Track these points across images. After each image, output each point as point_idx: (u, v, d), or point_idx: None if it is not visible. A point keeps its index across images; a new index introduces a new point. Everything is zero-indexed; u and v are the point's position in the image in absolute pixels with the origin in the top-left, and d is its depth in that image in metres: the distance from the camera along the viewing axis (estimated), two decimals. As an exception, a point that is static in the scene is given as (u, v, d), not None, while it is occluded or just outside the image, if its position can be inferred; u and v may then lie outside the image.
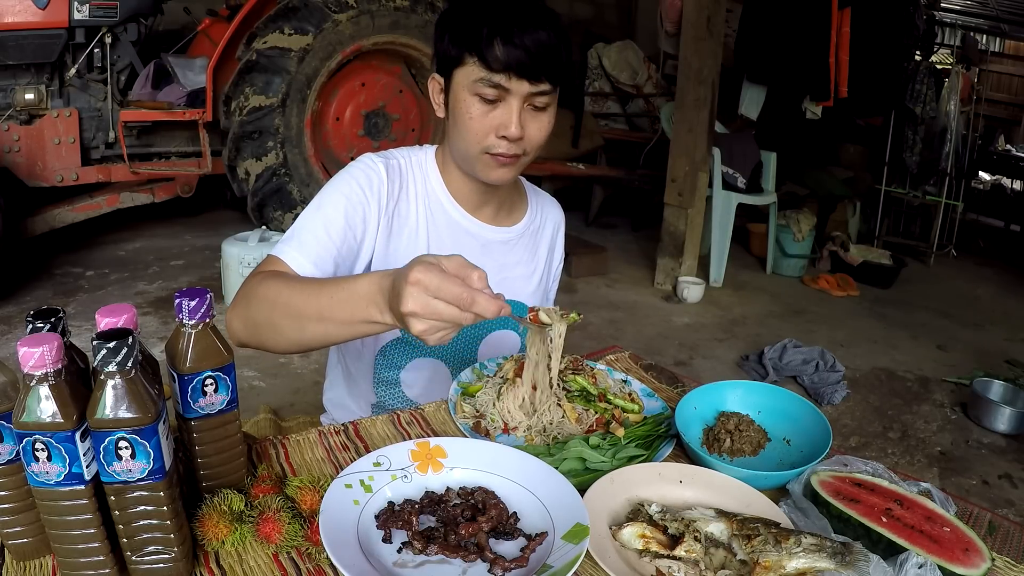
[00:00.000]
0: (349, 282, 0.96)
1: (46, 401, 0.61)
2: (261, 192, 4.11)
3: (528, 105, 1.15)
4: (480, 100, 1.14)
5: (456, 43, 1.15)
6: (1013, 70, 10.19)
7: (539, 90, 1.14)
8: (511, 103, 1.13)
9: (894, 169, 5.57)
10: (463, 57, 1.14)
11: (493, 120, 1.15)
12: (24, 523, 0.71)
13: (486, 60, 1.11)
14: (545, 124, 1.19)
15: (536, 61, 1.11)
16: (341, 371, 1.42)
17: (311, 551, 0.75)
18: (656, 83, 6.15)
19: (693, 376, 1.94)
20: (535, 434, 1.02)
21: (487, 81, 1.12)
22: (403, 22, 4.24)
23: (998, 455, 2.93)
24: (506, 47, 1.10)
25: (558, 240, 1.50)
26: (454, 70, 1.17)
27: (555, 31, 1.13)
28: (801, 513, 0.85)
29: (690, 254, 4.44)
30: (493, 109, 1.14)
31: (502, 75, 1.11)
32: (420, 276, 0.83)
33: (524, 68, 1.11)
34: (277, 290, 1.02)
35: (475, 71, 1.13)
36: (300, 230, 1.17)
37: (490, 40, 1.10)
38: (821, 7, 4.55)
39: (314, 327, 0.98)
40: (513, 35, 1.10)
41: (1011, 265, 5.78)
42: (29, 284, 3.75)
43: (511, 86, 1.12)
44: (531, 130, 1.17)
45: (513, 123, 1.14)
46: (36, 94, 3.77)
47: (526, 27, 1.10)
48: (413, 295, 0.83)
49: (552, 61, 1.13)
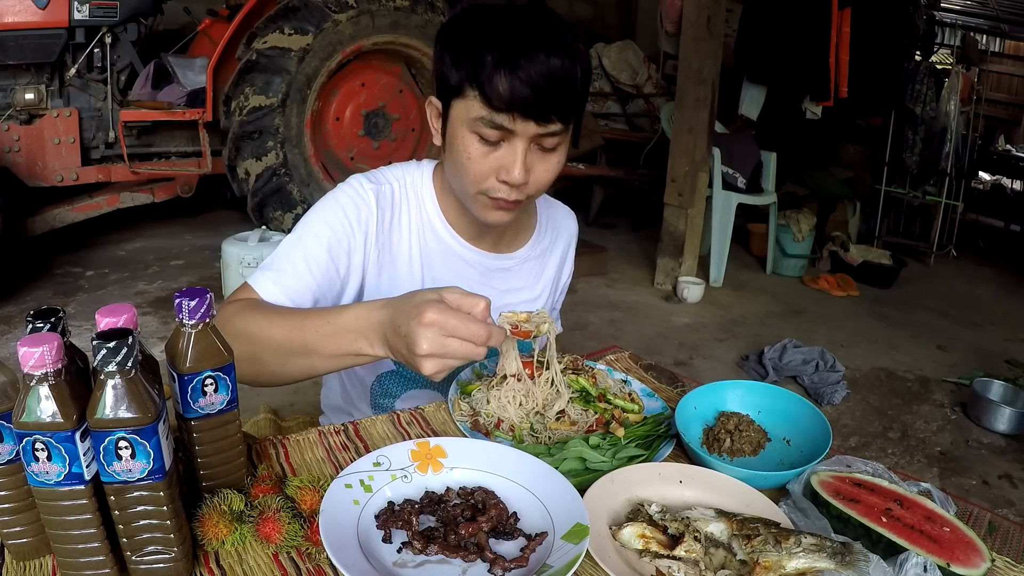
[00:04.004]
0: (335, 315, 0.93)
1: (46, 401, 0.61)
2: (261, 192, 4.11)
3: (535, 145, 1.02)
4: (480, 139, 1.01)
5: (455, 69, 1.01)
6: (1013, 70, 10.20)
7: (548, 131, 1.00)
8: (515, 145, 1.01)
9: (894, 169, 5.57)
10: (462, 88, 1.00)
11: (494, 162, 1.02)
12: (24, 523, 0.71)
13: (488, 96, 0.97)
14: (553, 165, 1.06)
15: (546, 99, 0.97)
16: (339, 385, 1.38)
17: (311, 551, 0.75)
18: (656, 83, 6.15)
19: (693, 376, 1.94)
20: (531, 419, 1.02)
21: (488, 121, 0.99)
22: (403, 22, 4.24)
23: (998, 455, 2.93)
24: (511, 81, 0.95)
25: (569, 254, 1.41)
26: (452, 99, 1.03)
27: (570, 56, 0.98)
28: (801, 513, 0.85)
29: (690, 254, 4.44)
30: (495, 149, 1.02)
31: (505, 115, 0.98)
32: (435, 317, 0.80)
33: (531, 107, 0.97)
34: (256, 324, 0.96)
35: (475, 107, 0.99)
36: (279, 260, 1.09)
37: (493, 72, 0.96)
38: (821, 7, 4.55)
39: (298, 361, 0.95)
40: (519, 66, 0.95)
41: (1011, 265, 5.78)
42: (29, 284, 3.75)
43: (516, 127, 0.98)
44: (537, 172, 1.05)
45: (517, 168, 1.01)
46: (36, 94, 3.77)
47: (536, 55, 0.95)
48: (428, 337, 0.81)
49: (565, 97, 0.99)
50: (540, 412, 1.04)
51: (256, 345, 0.95)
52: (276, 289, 1.06)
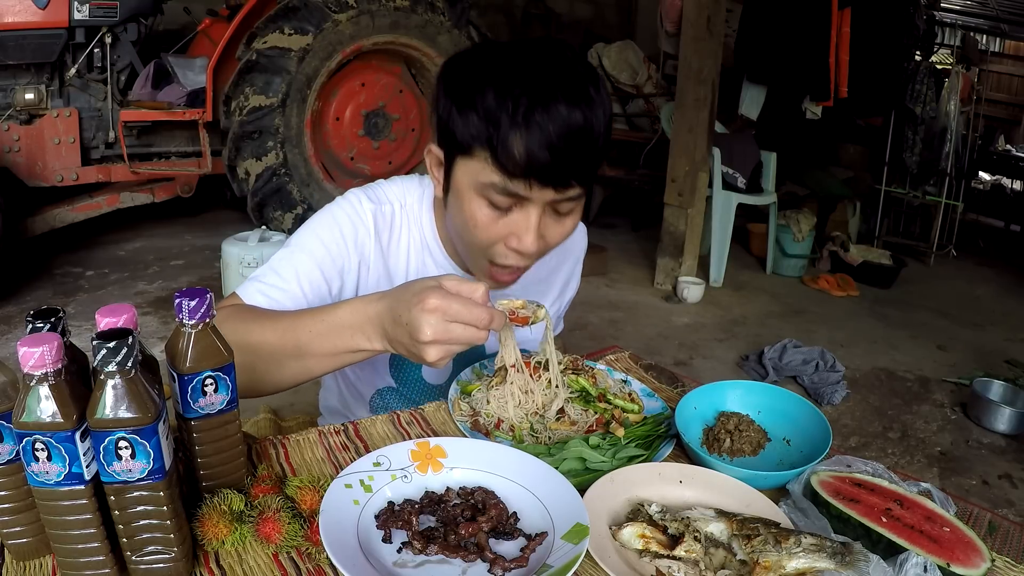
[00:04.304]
0: (328, 312, 0.91)
1: (46, 401, 0.61)
2: (261, 192, 4.11)
3: (550, 208, 0.94)
4: (489, 204, 0.93)
5: (463, 123, 0.90)
6: (1013, 70, 10.20)
7: (566, 196, 0.92)
8: (529, 211, 0.92)
9: (894, 169, 5.57)
10: (471, 147, 0.91)
11: (503, 228, 0.94)
12: (24, 523, 0.71)
13: (501, 161, 0.88)
14: (568, 228, 0.98)
15: (565, 163, 0.87)
16: (336, 388, 1.36)
17: (311, 551, 0.75)
18: (656, 83, 6.14)
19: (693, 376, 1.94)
20: (530, 419, 1.02)
21: (501, 189, 0.90)
22: (403, 22, 4.24)
23: (998, 455, 2.93)
24: (527, 142, 0.86)
25: (576, 269, 1.37)
26: (459, 156, 0.94)
27: (591, 107, 0.88)
28: (801, 513, 0.85)
29: (690, 254, 4.44)
30: (505, 215, 0.94)
31: (520, 181, 0.89)
32: (438, 303, 0.79)
33: (549, 173, 0.88)
34: (247, 329, 0.92)
35: (486, 171, 0.90)
36: (270, 273, 1.06)
37: (508, 135, 0.86)
38: (821, 7, 4.55)
39: (293, 364, 0.93)
40: (537, 124, 0.85)
41: (1011, 265, 5.78)
42: (29, 284, 3.75)
43: (532, 194, 0.90)
44: (550, 236, 0.97)
45: (530, 237, 0.93)
46: (36, 94, 3.77)
47: (554, 107, 0.85)
48: (431, 323, 0.79)
49: (585, 159, 0.89)
50: (540, 413, 1.04)
51: (247, 352, 0.90)
52: (264, 301, 1.03)
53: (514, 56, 0.91)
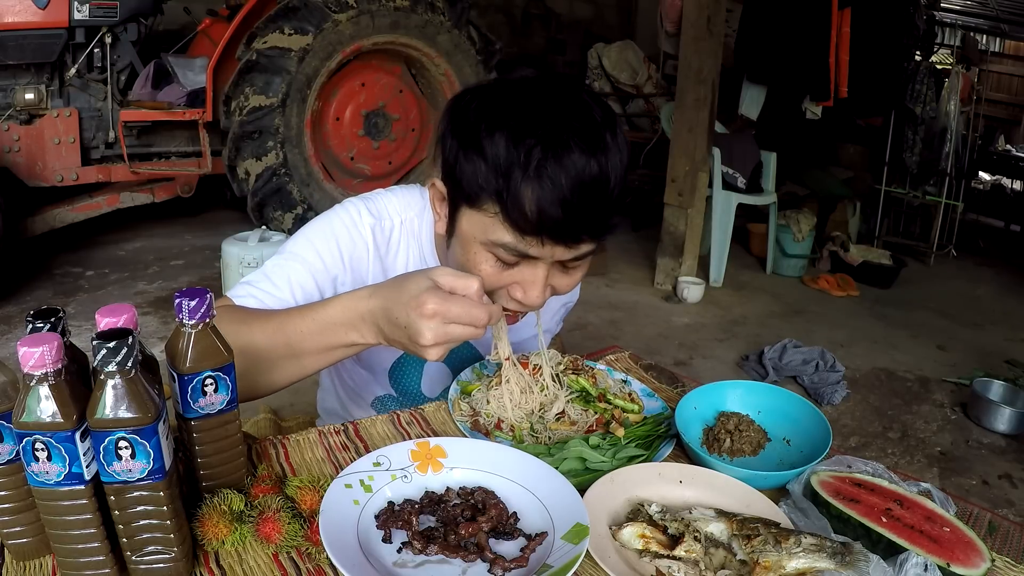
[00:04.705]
0: (318, 311, 0.90)
1: (46, 401, 0.61)
2: (261, 192, 4.11)
3: (558, 263, 0.91)
4: (496, 259, 0.90)
5: (471, 171, 0.86)
6: (1013, 70, 10.19)
7: (576, 254, 0.89)
8: (537, 267, 0.89)
9: (894, 169, 5.57)
10: (479, 200, 0.87)
11: (509, 279, 0.92)
12: (24, 523, 0.71)
13: (512, 219, 0.84)
14: (576, 279, 0.96)
15: (580, 220, 0.84)
16: (333, 390, 1.36)
17: (311, 551, 0.75)
18: (656, 83, 6.15)
19: (693, 376, 1.94)
20: (530, 420, 1.03)
21: (511, 248, 0.87)
22: (403, 22, 4.24)
23: (998, 455, 2.93)
24: (540, 202, 0.82)
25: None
26: (464, 204, 0.90)
27: (608, 158, 0.83)
28: (801, 513, 0.85)
29: (690, 254, 4.44)
30: (511, 268, 0.91)
31: (532, 239, 0.85)
32: (436, 307, 0.78)
33: (562, 231, 0.84)
34: (236, 331, 0.88)
35: (495, 229, 0.86)
36: (263, 279, 1.05)
37: (520, 190, 0.82)
38: (821, 7, 4.55)
39: (285, 364, 0.92)
40: (551, 182, 0.81)
41: (1011, 265, 5.78)
42: (29, 284, 3.75)
43: (542, 252, 0.87)
44: (558, 287, 0.95)
45: (536, 292, 0.90)
46: (36, 94, 3.77)
47: (571, 163, 0.81)
48: (432, 328, 0.79)
49: (601, 216, 0.86)
50: (540, 414, 1.04)
51: (239, 355, 0.85)
52: (256, 306, 1.03)
53: (527, 97, 0.87)
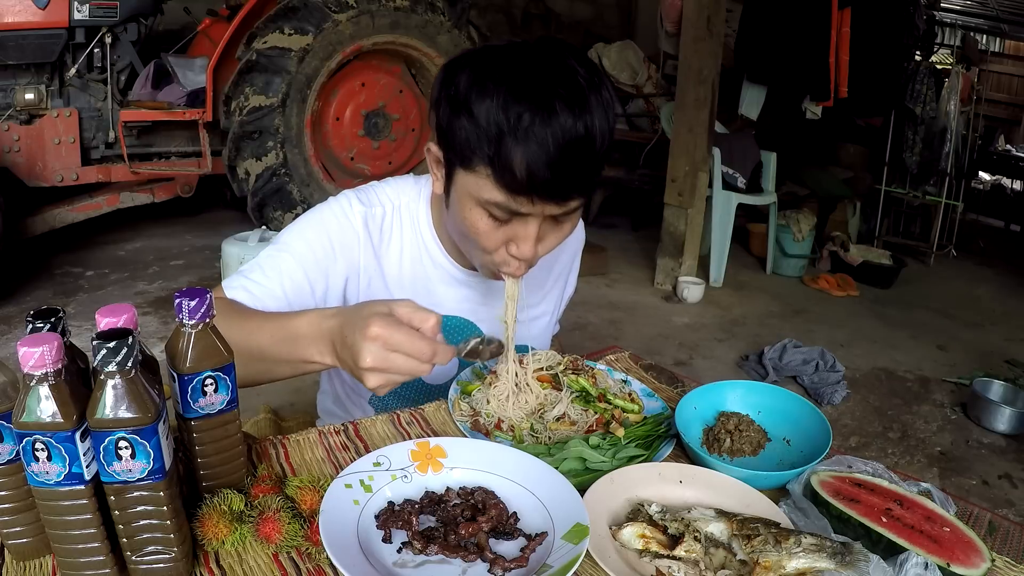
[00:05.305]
0: (289, 320, 0.92)
1: (46, 401, 0.61)
2: (261, 192, 4.11)
3: (549, 218, 0.95)
4: (490, 216, 0.95)
5: (463, 133, 0.90)
6: (1013, 70, 10.20)
7: (565, 210, 0.93)
8: (529, 222, 0.94)
9: (894, 169, 5.57)
10: (472, 161, 0.91)
11: (503, 235, 0.96)
12: (24, 523, 0.71)
13: (502, 179, 0.88)
14: (566, 232, 1.00)
15: (568, 178, 0.88)
16: (332, 391, 1.36)
17: (311, 551, 0.75)
18: (656, 83, 6.14)
19: (693, 376, 1.94)
20: (531, 419, 1.03)
21: (503, 207, 0.92)
22: (403, 22, 4.24)
23: (998, 455, 2.93)
24: (530, 163, 0.86)
25: (574, 265, 1.38)
26: (458, 166, 0.94)
27: (594, 117, 0.87)
28: (801, 513, 0.85)
29: (690, 254, 4.44)
30: (505, 224, 0.95)
31: (523, 198, 0.90)
32: (379, 331, 0.79)
33: (551, 189, 0.88)
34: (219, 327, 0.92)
35: (487, 188, 0.91)
36: (255, 271, 1.07)
37: (510, 152, 0.86)
38: (821, 7, 4.55)
39: (257, 365, 0.93)
40: (539, 143, 0.85)
41: (1011, 265, 5.78)
42: (29, 284, 3.75)
43: (533, 209, 0.91)
44: (548, 241, 0.99)
45: (529, 245, 0.95)
46: (36, 94, 3.77)
47: (558, 124, 0.85)
48: (372, 351, 0.79)
49: (586, 172, 0.90)
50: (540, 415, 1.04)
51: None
52: (246, 297, 1.04)
53: (515, 62, 0.90)
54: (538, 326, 1.32)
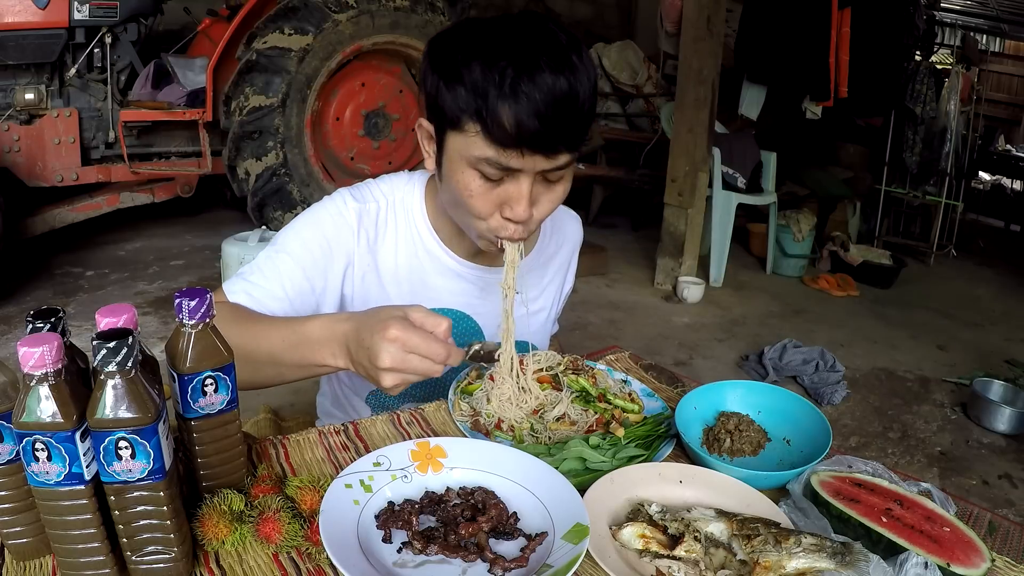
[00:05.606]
0: (300, 324, 0.93)
1: (46, 401, 0.61)
2: (261, 192, 4.11)
3: (540, 176, 0.97)
4: (482, 176, 0.96)
5: (451, 98, 0.93)
6: (1013, 70, 10.20)
7: (555, 164, 0.95)
8: (520, 181, 0.95)
9: (894, 169, 5.57)
10: (461, 121, 0.93)
11: (497, 198, 0.98)
12: (24, 523, 0.71)
13: (491, 133, 0.90)
14: (559, 195, 1.01)
15: (555, 130, 0.90)
16: (330, 392, 1.36)
17: (311, 551, 0.75)
18: (656, 83, 6.14)
19: (693, 376, 1.94)
20: (531, 419, 1.03)
21: (493, 162, 0.93)
22: (403, 22, 4.24)
23: (998, 455, 2.93)
24: (518, 114, 0.88)
25: (572, 260, 1.38)
26: (449, 131, 0.96)
27: (575, 73, 0.90)
28: (801, 513, 0.85)
29: (690, 254, 4.44)
30: (498, 185, 0.97)
31: (513, 152, 0.91)
32: (398, 333, 0.83)
33: (540, 142, 0.91)
34: (225, 332, 0.90)
35: (477, 145, 0.92)
36: (254, 272, 1.09)
37: (497, 107, 0.89)
38: (821, 7, 4.55)
39: (267, 370, 0.95)
40: (524, 94, 0.88)
41: (1011, 265, 5.78)
42: (29, 284, 3.75)
43: (523, 164, 0.93)
44: (542, 204, 1.00)
45: (522, 205, 0.96)
46: (36, 94, 3.77)
47: (542, 81, 0.88)
48: (390, 351, 0.83)
49: (573, 125, 0.92)
50: (540, 413, 1.04)
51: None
52: (247, 300, 1.06)
53: (498, 30, 0.94)
54: (537, 320, 1.33)
